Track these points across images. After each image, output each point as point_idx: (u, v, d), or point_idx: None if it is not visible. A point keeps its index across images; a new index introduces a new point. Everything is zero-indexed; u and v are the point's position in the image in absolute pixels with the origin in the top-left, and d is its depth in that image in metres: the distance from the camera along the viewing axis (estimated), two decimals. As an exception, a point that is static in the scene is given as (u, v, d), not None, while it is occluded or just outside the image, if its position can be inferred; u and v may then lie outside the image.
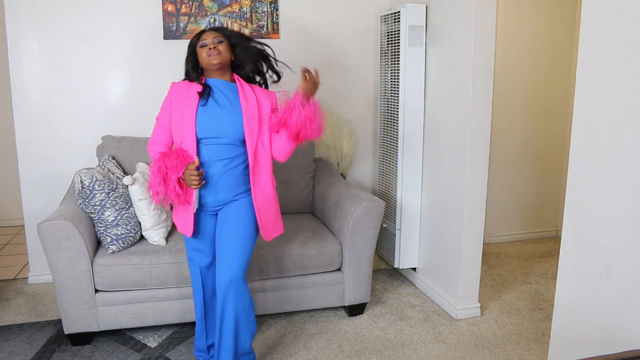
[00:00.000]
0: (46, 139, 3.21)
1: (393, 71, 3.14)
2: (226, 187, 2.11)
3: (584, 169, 1.91)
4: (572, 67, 3.95)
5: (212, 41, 2.09)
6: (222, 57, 2.09)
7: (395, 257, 3.25)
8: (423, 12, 2.97)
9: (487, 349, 2.58)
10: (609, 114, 1.80)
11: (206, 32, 2.13)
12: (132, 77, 3.28)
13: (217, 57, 2.07)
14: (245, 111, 2.09)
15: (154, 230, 2.68)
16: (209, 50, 2.07)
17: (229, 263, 2.11)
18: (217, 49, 2.07)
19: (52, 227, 2.39)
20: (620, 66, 1.75)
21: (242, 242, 2.13)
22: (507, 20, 3.78)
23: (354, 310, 2.91)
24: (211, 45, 2.08)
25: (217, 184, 2.10)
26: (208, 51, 2.07)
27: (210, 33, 2.12)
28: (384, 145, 3.35)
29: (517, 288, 3.28)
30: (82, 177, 2.55)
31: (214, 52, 2.07)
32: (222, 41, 2.10)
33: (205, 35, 2.11)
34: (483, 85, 2.66)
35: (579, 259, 1.96)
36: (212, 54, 2.07)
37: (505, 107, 3.90)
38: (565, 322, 2.05)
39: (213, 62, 2.07)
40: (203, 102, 2.09)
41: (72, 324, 2.51)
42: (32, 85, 3.15)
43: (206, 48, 2.08)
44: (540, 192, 4.18)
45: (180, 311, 2.62)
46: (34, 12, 3.08)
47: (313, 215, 3.22)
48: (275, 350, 2.58)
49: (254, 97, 2.13)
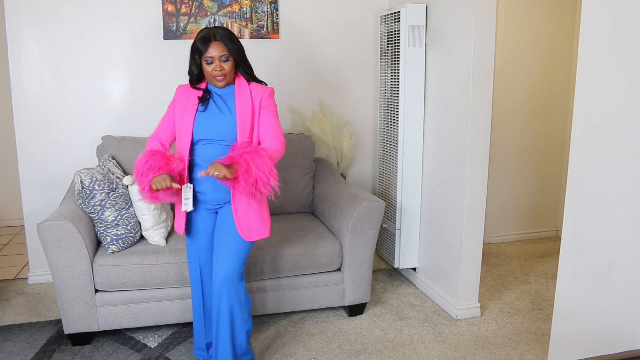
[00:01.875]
0: (46, 139, 3.21)
1: (393, 71, 3.14)
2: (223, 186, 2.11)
3: (584, 169, 1.91)
4: (572, 67, 3.95)
5: (219, 61, 2.06)
6: (228, 78, 2.10)
7: (395, 257, 3.25)
8: (423, 12, 2.97)
9: (487, 349, 2.58)
10: (609, 114, 1.80)
11: (212, 45, 2.05)
12: (132, 77, 3.28)
13: (223, 80, 2.09)
14: (240, 115, 2.10)
15: (154, 230, 2.68)
16: (214, 70, 2.07)
17: (224, 262, 2.12)
18: (223, 71, 2.07)
19: (52, 227, 2.39)
20: (620, 66, 1.75)
21: (237, 242, 2.13)
22: (507, 20, 3.78)
23: (354, 310, 2.91)
24: (217, 67, 2.06)
25: (216, 182, 2.10)
26: (214, 71, 2.07)
27: (216, 47, 2.05)
28: (384, 145, 3.35)
29: (517, 288, 3.28)
30: (82, 177, 2.55)
31: (220, 74, 2.07)
32: (228, 58, 2.08)
33: (211, 50, 2.05)
34: (483, 85, 2.66)
35: (579, 259, 1.96)
36: (217, 75, 2.07)
37: (505, 107, 3.90)
38: (565, 322, 2.05)
39: (219, 84, 2.11)
40: (202, 108, 2.13)
41: (72, 324, 2.51)
42: (32, 85, 3.15)
43: (212, 66, 2.06)
44: (540, 192, 4.18)
45: (180, 311, 2.62)
46: (34, 13, 3.08)
47: (313, 215, 3.22)
48: (275, 350, 2.58)
49: (249, 99, 2.13)
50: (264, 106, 2.13)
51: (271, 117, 2.14)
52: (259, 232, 2.17)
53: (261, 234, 2.19)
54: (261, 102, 2.13)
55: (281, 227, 2.90)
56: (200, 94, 2.13)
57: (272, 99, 2.17)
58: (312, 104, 3.51)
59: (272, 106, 2.16)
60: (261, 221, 2.17)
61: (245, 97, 2.12)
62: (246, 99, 2.12)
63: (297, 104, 3.49)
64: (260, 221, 2.17)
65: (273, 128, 2.12)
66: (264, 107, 2.13)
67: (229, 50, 2.07)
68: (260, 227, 2.18)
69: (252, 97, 2.13)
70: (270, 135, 2.10)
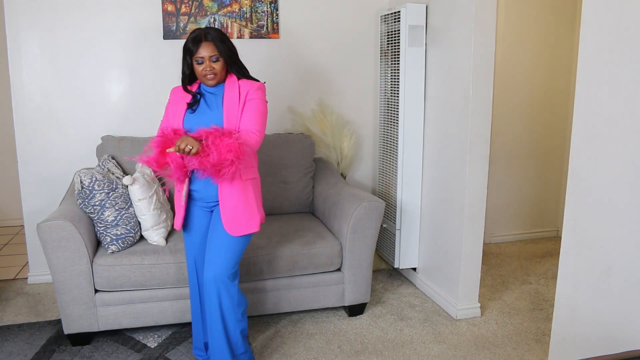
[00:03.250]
0: (46, 139, 3.21)
1: (393, 71, 3.14)
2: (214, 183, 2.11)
3: (584, 169, 1.91)
4: (572, 66, 3.94)
5: (209, 61, 2.06)
6: (218, 78, 2.10)
7: (395, 257, 3.25)
8: (423, 12, 2.96)
9: (487, 349, 2.58)
10: (609, 114, 1.79)
11: (202, 46, 2.05)
12: (132, 77, 3.28)
13: (213, 80, 2.09)
14: (226, 109, 2.09)
15: (154, 230, 2.68)
16: (205, 70, 2.07)
17: (213, 260, 2.12)
18: (213, 71, 2.07)
19: (51, 227, 2.39)
20: (621, 66, 1.74)
21: (226, 238, 2.12)
22: (507, 20, 3.78)
23: (354, 311, 2.90)
24: (208, 67, 2.06)
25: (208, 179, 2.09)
26: (204, 71, 2.07)
27: (206, 48, 2.05)
28: (384, 145, 3.35)
29: (517, 288, 3.28)
30: (81, 177, 2.55)
31: (210, 74, 2.07)
32: (218, 59, 2.07)
33: (202, 50, 2.05)
34: (483, 85, 2.66)
35: (579, 259, 1.96)
36: (207, 75, 2.07)
37: (506, 107, 3.90)
38: (565, 322, 2.05)
39: (210, 84, 2.10)
40: (191, 111, 2.13)
41: (71, 324, 2.51)
42: (32, 85, 3.15)
43: (202, 65, 2.07)
44: (540, 192, 4.18)
45: (180, 311, 2.62)
46: (34, 12, 3.08)
47: (313, 215, 3.22)
48: (275, 351, 2.57)
49: (237, 94, 2.11)
50: (249, 100, 2.10)
51: (254, 111, 2.08)
52: (247, 227, 2.13)
53: (249, 229, 2.14)
54: (247, 96, 2.10)
55: (281, 227, 2.90)
56: (190, 99, 2.14)
57: (260, 93, 2.13)
58: (312, 104, 3.51)
59: (257, 100, 2.10)
60: (249, 215, 2.13)
61: (234, 92, 2.12)
62: (234, 94, 2.11)
63: (297, 104, 3.49)
64: (248, 215, 2.13)
65: (253, 122, 2.07)
66: (249, 101, 2.10)
67: (219, 51, 2.06)
68: (249, 222, 2.13)
69: (240, 91, 2.11)
70: (249, 128, 2.05)
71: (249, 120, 2.08)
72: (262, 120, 2.10)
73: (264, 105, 2.13)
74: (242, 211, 2.12)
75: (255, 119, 2.08)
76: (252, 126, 2.06)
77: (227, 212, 2.10)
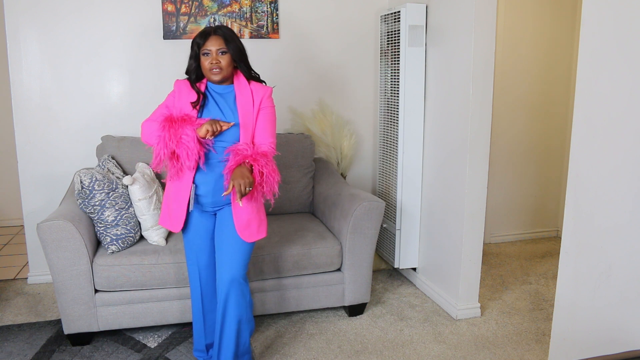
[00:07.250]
0: (46, 139, 3.21)
1: (393, 71, 3.14)
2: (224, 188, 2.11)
3: (584, 169, 1.91)
4: (572, 67, 3.94)
5: (216, 54, 2.05)
6: (224, 73, 2.08)
7: (395, 257, 3.25)
8: (423, 12, 2.96)
9: (487, 349, 2.58)
10: (610, 114, 1.79)
11: (211, 39, 2.05)
12: (132, 77, 3.28)
13: (219, 74, 2.07)
14: (242, 116, 2.09)
15: (154, 230, 2.68)
16: (211, 63, 2.05)
17: (230, 262, 2.12)
18: (219, 64, 2.05)
19: (51, 227, 2.39)
20: (621, 66, 1.74)
21: (240, 243, 2.13)
22: (507, 20, 3.78)
23: (354, 311, 2.90)
24: (214, 60, 2.04)
25: (217, 184, 2.10)
26: (210, 64, 2.05)
27: (214, 41, 2.05)
28: (384, 145, 3.35)
29: (517, 288, 3.28)
30: (81, 177, 2.55)
31: (216, 68, 2.05)
32: (226, 52, 2.06)
33: (209, 43, 2.05)
34: (483, 85, 2.66)
35: (579, 259, 1.96)
36: (213, 68, 2.05)
37: (505, 107, 3.90)
38: (565, 322, 2.05)
39: (214, 78, 2.08)
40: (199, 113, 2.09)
41: (71, 324, 2.51)
42: (32, 85, 3.14)
43: (209, 58, 2.05)
44: (540, 192, 4.17)
45: (180, 311, 2.62)
46: (34, 12, 3.08)
47: (313, 215, 3.22)
48: (275, 351, 2.57)
49: (250, 99, 2.12)
50: (263, 107, 2.13)
51: (268, 121, 2.14)
52: (258, 233, 2.18)
53: (260, 234, 2.19)
54: (261, 103, 2.13)
55: (281, 227, 2.90)
56: (194, 98, 2.09)
57: (272, 99, 2.18)
58: (312, 104, 3.51)
59: (270, 108, 2.16)
60: (259, 222, 2.18)
61: (247, 97, 2.11)
62: (247, 99, 2.11)
63: (297, 104, 3.49)
64: (259, 222, 2.18)
65: (269, 133, 2.13)
66: (263, 109, 2.13)
67: (226, 45, 2.06)
68: (259, 228, 2.19)
69: (253, 97, 2.12)
70: (266, 141, 2.11)
71: (265, 132, 2.13)
72: (275, 129, 2.18)
73: (274, 111, 2.19)
74: (254, 219, 2.16)
75: (271, 130, 2.15)
76: (269, 138, 2.12)
77: (241, 221, 2.13)
